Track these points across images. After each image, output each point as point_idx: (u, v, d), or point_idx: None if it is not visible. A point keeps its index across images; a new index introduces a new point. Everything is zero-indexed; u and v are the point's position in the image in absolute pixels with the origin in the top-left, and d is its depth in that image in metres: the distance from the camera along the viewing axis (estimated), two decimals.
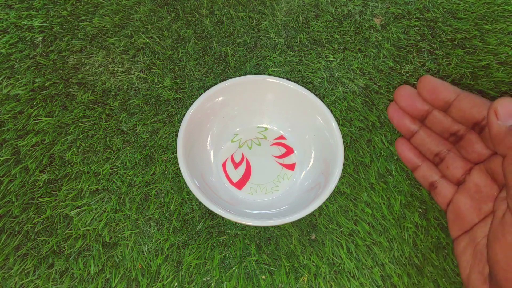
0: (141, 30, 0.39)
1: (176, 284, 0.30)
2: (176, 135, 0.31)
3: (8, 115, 0.35)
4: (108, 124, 0.35)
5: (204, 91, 0.33)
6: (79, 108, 0.36)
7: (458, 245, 0.26)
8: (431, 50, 0.39)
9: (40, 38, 0.39)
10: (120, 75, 0.38)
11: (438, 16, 0.41)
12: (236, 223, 0.32)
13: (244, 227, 0.32)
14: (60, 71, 0.37)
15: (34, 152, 0.34)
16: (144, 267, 0.31)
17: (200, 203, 0.32)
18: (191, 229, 0.32)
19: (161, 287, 0.30)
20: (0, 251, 0.31)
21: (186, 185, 0.32)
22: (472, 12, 0.41)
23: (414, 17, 0.41)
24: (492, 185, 0.25)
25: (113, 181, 0.33)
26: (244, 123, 0.36)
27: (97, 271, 0.30)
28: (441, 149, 0.29)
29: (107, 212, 0.32)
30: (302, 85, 0.34)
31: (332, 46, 0.39)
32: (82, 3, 0.41)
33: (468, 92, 0.25)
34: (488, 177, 0.25)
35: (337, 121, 0.34)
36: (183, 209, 0.33)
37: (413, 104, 0.28)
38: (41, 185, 0.33)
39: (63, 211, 0.32)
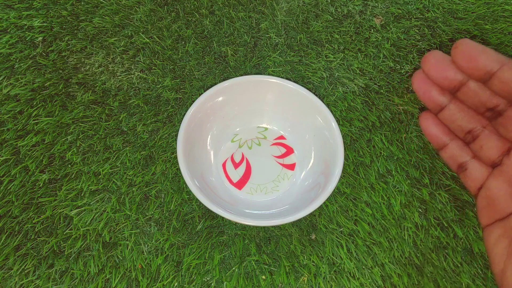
0: (141, 30, 0.39)
1: (176, 284, 0.30)
2: (176, 135, 0.31)
3: (8, 115, 0.35)
4: (108, 124, 0.35)
5: (204, 91, 0.33)
6: (79, 108, 0.36)
7: (490, 235, 0.23)
8: (431, 50, 0.39)
9: (40, 38, 0.39)
10: (120, 75, 0.38)
11: (438, 16, 0.41)
12: (236, 223, 0.32)
13: (244, 227, 0.32)
14: (60, 71, 0.37)
15: (34, 152, 0.34)
16: (144, 267, 0.31)
17: (200, 203, 0.32)
18: (191, 229, 0.32)
19: (161, 287, 0.30)
20: (0, 251, 0.31)
21: (186, 185, 0.32)
22: (472, 12, 0.41)
23: (414, 17, 0.41)
24: None
25: (113, 181, 0.33)
26: (244, 123, 0.36)
27: (97, 271, 0.30)
28: (475, 126, 0.25)
29: (107, 212, 0.32)
30: (302, 85, 0.34)
31: (332, 46, 0.39)
32: (82, 3, 0.41)
33: None
34: None
35: (337, 121, 0.34)
36: (183, 209, 0.33)
37: (444, 73, 0.24)
38: (41, 185, 0.33)
39: (63, 211, 0.32)
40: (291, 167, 0.35)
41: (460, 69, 0.23)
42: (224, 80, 0.34)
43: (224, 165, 0.35)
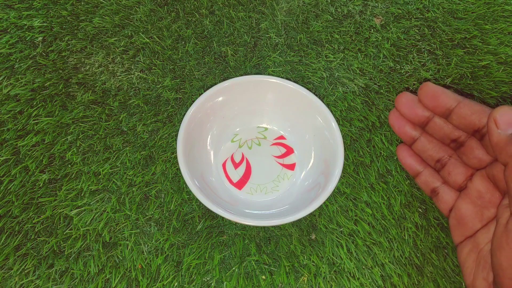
0: (141, 30, 0.39)
1: (176, 284, 0.30)
2: (176, 135, 0.31)
3: (8, 115, 0.35)
4: (108, 124, 0.35)
5: (204, 91, 0.33)
6: (79, 108, 0.36)
7: (462, 251, 0.26)
8: (431, 50, 0.39)
9: (40, 38, 0.39)
10: (120, 75, 0.38)
11: (438, 16, 0.41)
12: (236, 223, 0.32)
13: (244, 227, 0.32)
14: (60, 71, 0.37)
15: (34, 152, 0.34)
16: (144, 267, 0.31)
17: (200, 203, 0.32)
18: (191, 229, 0.32)
19: (161, 287, 0.30)
20: (0, 251, 0.31)
21: (186, 185, 0.32)
22: (472, 12, 0.41)
23: (414, 17, 0.41)
24: (494, 191, 0.25)
25: (113, 181, 0.33)
26: (244, 123, 0.36)
27: (97, 271, 0.30)
28: (442, 155, 0.29)
29: (107, 212, 0.32)
30: (302, 85, 0.34)
31: (332, 46, 0.39)
32: (82, 3, 0.41)
33: (468, 99, 0.25)
34: (490, 183, 0.25)
35: (337, 121, 0.34)
36: (183, 209, 0.33)
37: (414, 111, 0.28)
38: (41, 185, 0.33)
39: (63, 211, 0.32)
40: (291, 167, 0.35)
41: (426, 107, 0.27)
42: (224, 80, 0.34)
43: (224, 165, 0.35)
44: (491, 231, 0.25)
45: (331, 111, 0.32)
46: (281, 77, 0.34)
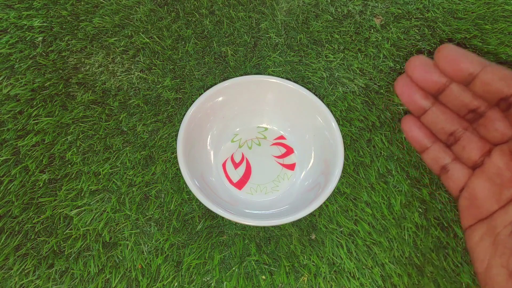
0: (141, 30, 0.39)
1: (176, 284, 0.30)
2: (176, 135, 0.31)
3: (8, 115, 0.35)
4: (108, 124, 0.35)
5: (204, 91, 0.33)
6: (79, 108, 0.36)
7: (472, 234, 0.24)
8: (431, 50, 0.39)
9: (40, 38, 0.39)
10: (120, 75, 0.38)
11: (438, 16, 0.41)
12: (236, 223, 0.32)
13: (244, 227, 0.32)
14: (60, 71, 0.37)
15: (34, 152, 0.34)
16: (144, 267, 0.31)
17: (200, 203, 0.32)
18: (191, 229, 0.32)
19: (161, 287, 0.30)
20: (0, 251, 0.31)
21: (186, 185, 0.32)
22: (472, 12, 0.41)
23: (414, 17, 0.41)
24: None
25: (113, 181, 0.33)
26: (244, 123, 0.36)
27: (97, 271, 0.30)
28: (457, 128, 0.26)
29: (107, 212, 0.32)
30: (302, 85, 0.34)
31: (332, 46, 0.39)
32: (82, 3, 0.41)
33: (495, 64, 0.22)
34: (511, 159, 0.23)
35: (337, 121, 0.34)
36: (183, 209, 0.33)
37: (428, 77, 0.24)
38: (41, 185, 0.33)
39: (63, 211, 0.32)
40: (291, 167, 0.35)
41: (443, 72, 0.24)
42: (224, 80, 0.34)
43: (224, 165, 0.35)
44: (510, 213, 0.22)
45: (331, 111, 0.32)
46: (281, 77, 0.34)
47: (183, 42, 0.39)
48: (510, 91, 0.21)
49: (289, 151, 0.35)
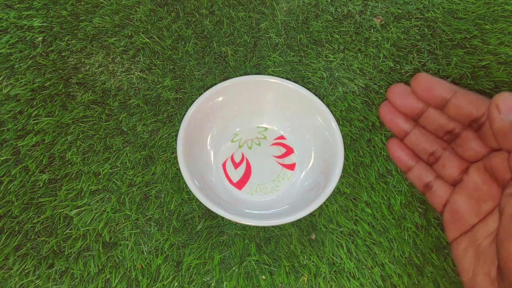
0: (141, 30, 0.39)
1: (176, 284, 0.30)
2: (176, 135, 0.31)
3: (8, 115, 0.35)
4: (108, 124, 0.35)
5: (204, 91, 0.33)
6: (79, 108, 0.36)
7: (457, 247, 0.26)
8: (431, 50, 0.39)
9: (40, 38, 0.39)
10: (120, 75, 0.38)
11: (438, 16, 0.41)
12: (236, 223, 0.32)
13: (244, 227, 0.32)
14: (60, 71, 0.37)
15: (34, 152, 0.34)
16: (144, 267, 0.31)
17: (200, 203, 0.32)
18: (191, 229, 0.32)
19: (161, 287, 0.30)
20: (0, 251, 0.31)
21: (186, 185, 0.32)
22: (472, 12, 0.41)
23: (414, 17, 0.41)
24: (491, 183, 0.25)
25: (113, 181, 0.33)
26: (244, 123, 0.36)
27: (97, 271, 0.30)
28: (436, 148, 0.28)
29: (107, 212, 0.32)
30: (302, 85, 0.34)
31: (332, 46, 0.39)
32: (82, 3, 0.41)
33: (464, 89, 0.25)
34: (487, 175, 0.25)
35: (337, 121, 0.34)
36: (183, 209, 0.33)
37: (407, 102, 0.27)
38: (41, 185, 0.33)
39: (63, 211, 0.32)
40: (291, 167, 0.35)
41: (420, 98, 0.26)
42: (224, 80, 0.34)
43: (224, 165, 0.35)
44: (489, 224, 0.24)
45: (331, 111, 0.32)
46: (281, 77, 0.34)
47: (183, 42, 0.39)
48: (479, 113, 0.24)
49: (289, 151, 0.35)
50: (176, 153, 0.33)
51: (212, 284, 0.30)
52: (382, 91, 0.37)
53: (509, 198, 0.22)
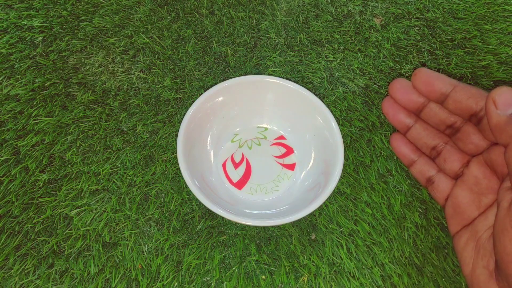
0: (141, 30, 0.39)
1: (176, 284, 0.30)
2: (176, 135, 0.31)
3: (8, 115, 0.35)
4: (108, 124, 0.35)
5: (204, 91, 0.33)
6: (79, 108, 0.36)
7: (459, 240, 0.26)
8: (431, 50, 0.39)
9: (40, 38, 0.39)
10: (120, 75, 0.38)
11: (438, 16, 0.41)
12: (236, 223, 0.32)
13: (244, 227, 0.32)
14: (60, 71, 0.37)
15: (34, 152, 0.34)
16: (144, 267, 0.31)
17: (200, 203, 0.32)
18: (191, 229, 0.32)
19: (161, 287, 0.30)
20: (0, 251, 0.31)
21: (186, 185, 0.32)
22: (472, 12, 0.41)
23: (414, 17, 0.41)
24: (491, 176, 0.25)
25: (113, 181, 0.33)
26: (244, 123, 0.36)
27: (97, 271, 0.30)
28: (438, 142, 0.28)
29: (107, 212, 0.32)
30: (302, 85, 0.34)
31: (332, 46, 0.39)
32: (82, 3, 0.41)
33: (464, 83, 0.25)
34: (487, 169, 0.25)
35: (337, 121, 0.34)
36: (183, 209, 0.33)
37: (408, 97, 0.27)
38: (41, 185, 0.33)
39: (63, 211, 0.32)
40: (291, 167, 0.35)
41: (420, 93, 0.27)
42: (224, 80, 0.34)
43: (224, 165, 0.35)
44: (489, 218, 0.24)
45: (331, 111, 0.32)
46: (281, 77, 0.34)
47: (183, 42, 0.39)
48: (478, 107, 0.24)
49: (289, 151, 0.35)
50: (176, 153, 0.33)
51: (212, 284, 0.30)
52: (382, 91, 0.37)
53: (505, 192, 0.23)
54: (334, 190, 0.29)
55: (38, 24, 0.39)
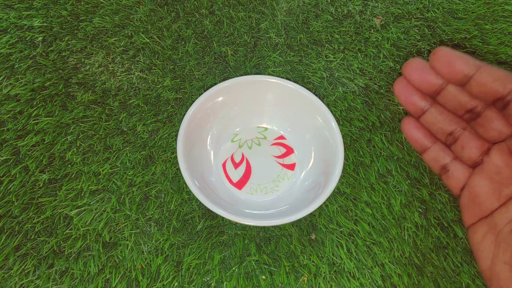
0: (141, 30, 0.39)
1: (176, 284, 0.30)
2: (176, 135, 0.31)
3: (8, 115, 0.35)
4: (108, 124, 0.35)
5: (204, 91, 0.33)
6: (79, 108, 0.36)
7: (475, 233, 0.24)
8: (431, 50, 0.39)
9: (40, 38, 0.39)
10: (120, 75, 0.38)
11: (438, 16, 0.41)
12: (236, 223, 0.32)
13: (244, 227, 0.32)
14: (60, 71, 0.37)
15: (34, 152, 0.34)
16: (144, 267, 0.31)
17: (200, 203, 0.32)
18: (191, 229, 0.32)
19: (161, 287, 0.30)
20: (0, 251, 0.31)
21: (186, 185, 0.32)
22: (472, 12, 0.41)
23: (414, 17, 0.41)
24: None
25: (113, 181, 0.33)
26: (244, 123, 0.36)
27: (97, 271, 0.30)
28: (455, 128, 0.26)
29: (107, 212, 0.32)
30: (302, 85, 0.34)
31: (332, 46, 0.39)
32: (82, 3, 0.41)
33: (489, 65, 0.22)
34: (510, 157, 0.23)
35: (337, 121, 0.34)
36: (183, 209, 0.33)
37: (425, 78, 0.25)
38: (41, 185, 0.33)
39: (63, 211, 0.32)
40: (291, 167, 0.35)
41: (439, 74, 0.24)
42: (224, 80, 0.34)
43: (224, 165, 0.35)
44: (511, 210, 0.23)
45: (331, 111, 0.32)
46: (281, 77, 0.34)
47: (183, 42, 0.39)
48: (505, 91, 0.22)
49: (289, 151, 0.35)
50: (176, 153, 0.33)
51: (212, 284, 0.30)
52: (382, 91, 0.37)
53: None
54: (334, 190, 0.29)
55: (38, 24, 0.39)
